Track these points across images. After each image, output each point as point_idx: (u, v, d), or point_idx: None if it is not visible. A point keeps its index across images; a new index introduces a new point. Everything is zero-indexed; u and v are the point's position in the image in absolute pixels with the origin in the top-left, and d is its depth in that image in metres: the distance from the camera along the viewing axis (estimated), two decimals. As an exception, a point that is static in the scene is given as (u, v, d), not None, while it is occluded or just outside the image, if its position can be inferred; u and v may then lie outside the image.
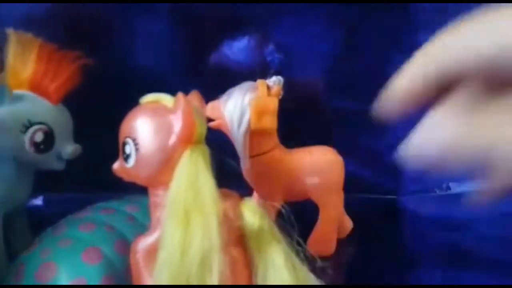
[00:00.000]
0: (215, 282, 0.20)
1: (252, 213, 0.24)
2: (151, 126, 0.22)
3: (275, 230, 0.24)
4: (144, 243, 0.23)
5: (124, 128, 0.23)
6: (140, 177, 0.23)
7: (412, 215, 0.52)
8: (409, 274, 0.37)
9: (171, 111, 0.22)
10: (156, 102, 0.23)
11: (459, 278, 0.35)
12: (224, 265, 0.20)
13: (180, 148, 0.22)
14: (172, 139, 0.22)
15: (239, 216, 0.23)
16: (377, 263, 0.39)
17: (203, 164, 0.22)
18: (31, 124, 0.31)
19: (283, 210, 0.25)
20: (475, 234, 0.44)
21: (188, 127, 0.22)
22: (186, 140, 0.22)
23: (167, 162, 0.22)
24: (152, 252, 0.22)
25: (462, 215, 0.50)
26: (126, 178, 0.24)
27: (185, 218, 0.20)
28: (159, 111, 0.23)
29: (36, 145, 0.32)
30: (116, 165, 0.24)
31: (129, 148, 0.22)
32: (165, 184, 0.22)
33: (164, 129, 0.22)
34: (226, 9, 0.48)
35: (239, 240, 0.24)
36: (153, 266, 0.21)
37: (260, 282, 0.23)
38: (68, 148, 0.33)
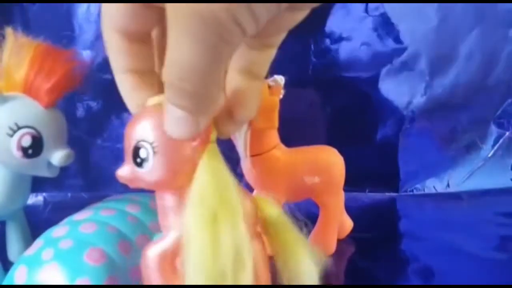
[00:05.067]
0: (249, 276, 0.20)
1: (268, 205, 0.24)
2: None
3: (289, 220, 0.24)
4: (157, 249, 0.22)
5: (136, 131, 0.22)
6: (154, 182, 0.22)
7: (412, 214, 0.52)
8: (409, 274, 0.37)
9: None
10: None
11: (459, 277, 0.35)
12: (253, 259, 0.20)
13: (200, 148, 0.21)
14: (196, 140, 0.21)
15: (257, 209, 0.24)
16: (377, 262, 0.39)
17: (221, 162, 0.22)
18: (18, 128, 0.30)
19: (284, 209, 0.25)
20: (474, 234, 0.44)
21: (209, 127, 0.21)
22: (207, 140, 0.21)
23: (187, 163, 0.21)
24: (167, 257, 0.22)
25: (462, 214, 0.50)
26: (133, 184, 0.23)
27: (212, 216, 0.20)
28: None
29: (23, 149, 0.30)
30: (123, 171, 0.22)
31: (145, 152, 0.21)
32: (178, 187, 0.21)
33: None
34: None
35: (258, 233, 0.24)
36: (168, 271, 0.21)
37: (282, 270, 0.23)
38: (58, 154, 0.31)
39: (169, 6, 0.16)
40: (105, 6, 0.20)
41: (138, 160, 0.21)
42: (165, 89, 0.18)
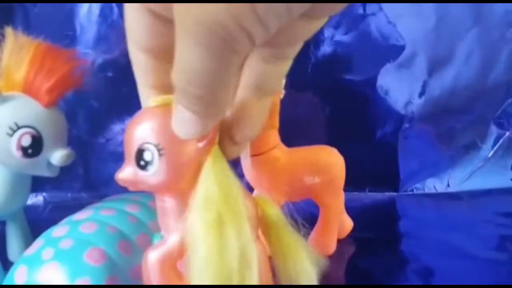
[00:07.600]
0: (255, 278, 0.20)
1: (267, 206, 0.24)
2: None
3: (287, 221, 0.24)
4: (158, 253, 0.22)
5: (139, 133, 0.21)
6: (158, 184, 0.21)
7: (412, 214, 0.52)
8: (409, 274, 0.37)
9: None
10: (168, 104, 0.21)
11: (458, 277, 0.35)
12: (259, 260, 0.20)
13: (206, 150, 0.21)
14: (203, 142, 0.21)
15: (258, 210, 0.24)
16: (377, 262, 0.39)
17: (226, 164, 0.21)
18: (18, 127, 0.30)
19: (284, 209, 0.25)
20: (474, 234, 0.44)
21: (216, 128, 0.21)
22: (213, 141, 0.21)
23: (193, 165, 0.21)
24: (168, 261, 0.22)
25: (461, 214, 0.50)
26: (134, 187, 0.22)
27: (218, 219, 0.20)
28: None
29: (23, 149, 0.30)
30: (124, 174, 0.22)
31: (150, 155, 0.21)
32: (180, 189, 0.21)
33: None
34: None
35: (258, 234, 0.24)
36: (169, 276, 0.21)
37: (281, 270, 0.23)
38: (58, 154, 0.32)
39: (176, 14, 0.16)
40: (128, 24, 0.20)
41: (142, 163, 0.21)
42: (175, 91, 0.18)
